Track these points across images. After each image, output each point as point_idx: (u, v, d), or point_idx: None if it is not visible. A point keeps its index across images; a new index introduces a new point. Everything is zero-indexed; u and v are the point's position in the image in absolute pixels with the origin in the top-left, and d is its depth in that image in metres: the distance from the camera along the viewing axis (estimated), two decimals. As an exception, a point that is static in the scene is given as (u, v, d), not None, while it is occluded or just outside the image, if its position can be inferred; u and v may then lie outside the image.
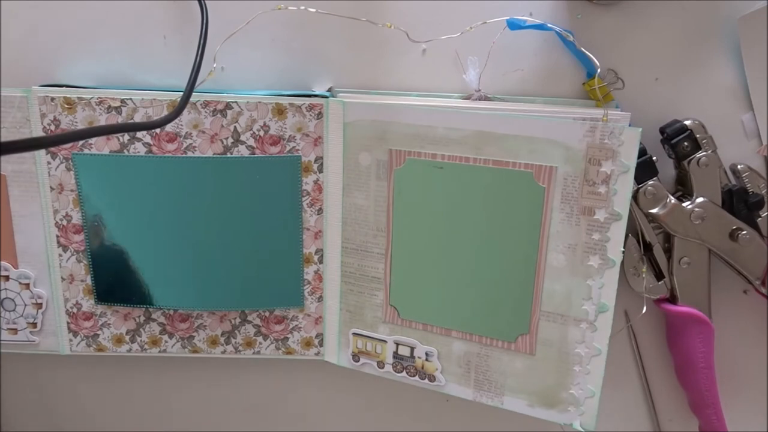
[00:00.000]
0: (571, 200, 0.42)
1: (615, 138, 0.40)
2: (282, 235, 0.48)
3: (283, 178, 0.47)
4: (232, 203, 0.47)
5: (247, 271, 0.48)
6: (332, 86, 0.47)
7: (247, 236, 0.47)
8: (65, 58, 0.47)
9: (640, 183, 0.44)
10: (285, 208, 0.47)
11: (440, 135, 0.44)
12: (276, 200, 0.47)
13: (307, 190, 0.47)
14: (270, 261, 0.48)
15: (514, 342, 0.46)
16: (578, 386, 0.45)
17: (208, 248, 0.48)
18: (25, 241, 0.48)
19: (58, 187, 0.47)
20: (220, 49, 0.45)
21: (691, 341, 0.47)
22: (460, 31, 0.44)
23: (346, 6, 0.45)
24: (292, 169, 0.47)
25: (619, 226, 0.42)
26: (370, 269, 0.48)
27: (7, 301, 0.49)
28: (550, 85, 0.45)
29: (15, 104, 0.45)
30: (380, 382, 0.49)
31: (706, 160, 0.44)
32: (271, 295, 0.49)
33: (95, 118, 0.45)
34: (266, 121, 0.45)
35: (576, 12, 0.44)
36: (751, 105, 0.45)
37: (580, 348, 0.44)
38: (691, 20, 0.44)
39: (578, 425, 0.45)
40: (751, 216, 0.45)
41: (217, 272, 0.48)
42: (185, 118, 0.45)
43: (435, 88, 0.46)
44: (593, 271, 0.43)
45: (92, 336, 0.50)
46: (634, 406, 0.52)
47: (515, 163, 0.43)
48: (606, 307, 0.43)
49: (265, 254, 0.48)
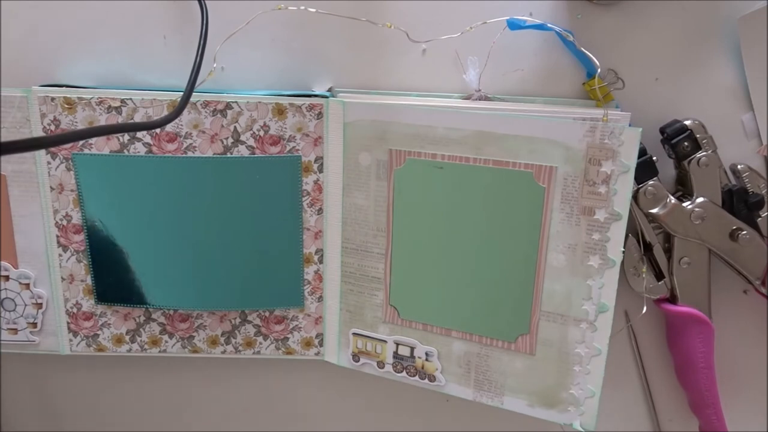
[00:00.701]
0: (571, 200, 0.42)
1: (615, 138, 0.40)
2: (282, 235, 0.48)
3: (283, 178, 0.47)
4: (232, 203, 0.47)
5: (247, 271, 0.48)
6: (332, 86, 0.47)
7: (247, 236, 0.47)
8: (65, 58, 0.47)
9: (640, 183, 0.44)
10: (285, 208, 0.47)
11: (440, 135, 0.44)
12: (276, 200, 0.47)
13: (307, 190, 0.47)
14: (270, 261, 0.48)
15: (514, 342, 0.46)
16: (578, 386, 0.45)
17: (208, 248, 0.48)
18: (25, 241, 0.48)
19: (58, 187, 0.47)
20: (220, 49, 0.45)
21: (691, 341, 0.47)
22: (460, 31, 0.44)
23: (346, 6, 0.45)
24: (292, 169, 0.47)
25: (619, 226, 0.42)
26: (370, 269, 0.48)
27: (7, 301, 0.49)
28: (550, 85, 0.45)
29: (15, 104, 0.45)
30: (380, 382, 0.49)
31: (706, 160, 0.44)
32: (271, 295, 0.49)
33: (95, 118, 0.45)
34: (266, 121, 0.45)
35: (576, 12, 0.44)
36: (751, 105, 0.45)
37: (580, 348, 0.44)
38: (691, 20, 0.44)
39: (578, 425, 0.45)
40: (751, 216, 0.45)
41: (217, 272, 0.48)
42: (185, 118, 0.45)
43: (435, 88, 0.46)
44: (593, 271, 0.43)
45: (92, 336, 0.50)
46: (634, 406, 0.52)
47: (515, 163, 0.43)
48: (606, 307, 0.43)
49: (265, 254, 0.48)
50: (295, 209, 0.47)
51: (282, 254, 0.48)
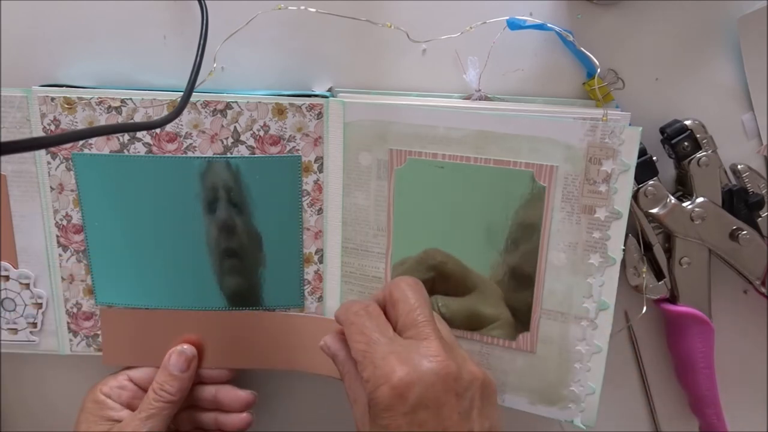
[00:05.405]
0: (572, 199, 0.42)
1: (615, 137, 0.40)
2: (282, 235, 0.48)
3: (283, 178, 0.47)
4: (232, 203, 0.47)
5: (247, 271, 0.48)
6: (332, 86, 0.47)
7: (247, 236, 0.47)
8: (65, 58, 0.47)
9: (641, 183, 0.44)
10: (285, 208, 0.47)
11: (441, 135, 0.44)
12: (276, 200, 0.47)
13: (307, 190, 0.47)
14: (270, 261, 0.48)
15: (515, 340, 0.46)
16: (579, 383, 0.45)
17: (208, 248, 0.48)
18: (25, 241, 0.48)
19: (58, 187, 0.47)
20: (220, 49, 0.45)
21: (691, 341, 0.47)
22: (460, 31, 0.44)
23: (346, 6, 0.45)
24: (292, 169, 0.47)
25: (619, 224, 0.42)
26: (370, 269, 0.48)
27: (7, 301, 0.49)
28: (550, 85, 0.45)
29: (15, 104, 0.45)
30: (380, 382, 0.49)
31: (706, 160, 0.44)
32: (271, 295, 0.49)
33: (95, 118, 0.45)
34: (266, 121, 0.45)
35: (576, 12, 0.44)
36: (751, 105, 0.45)
37: (581, 345, 0.44)
38: (691, 20, 0.44)
39: (579, 422, 0.45)
40: (751, 216, 0.45)
41: (217, 272, 0.48)
42: (185, 118, 0.45)
43: (435, 88, 0.46)
44: (594, 269, 0.43)
45: (92, 336, 0.50)
46: (633, 406, 0.52)
47: (516, 162, 0.43)
48: (606, 304, 0.43)
49: (265, 254, 0.48)
50: (295, 209, 0.47)
51: (282, 254, 0.48)
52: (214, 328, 0.49)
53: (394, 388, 0.35)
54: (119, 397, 0.47)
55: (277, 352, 0.50)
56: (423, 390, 0.35)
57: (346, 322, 0.40)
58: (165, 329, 0.49)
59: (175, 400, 0.46)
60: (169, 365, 0.47)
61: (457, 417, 0.35)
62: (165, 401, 0.45)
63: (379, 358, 0.36)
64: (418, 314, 0.38)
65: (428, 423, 0.35)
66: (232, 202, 0.47)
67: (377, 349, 0.37)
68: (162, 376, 0.46)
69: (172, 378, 0.46)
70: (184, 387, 0.47)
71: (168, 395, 0.45)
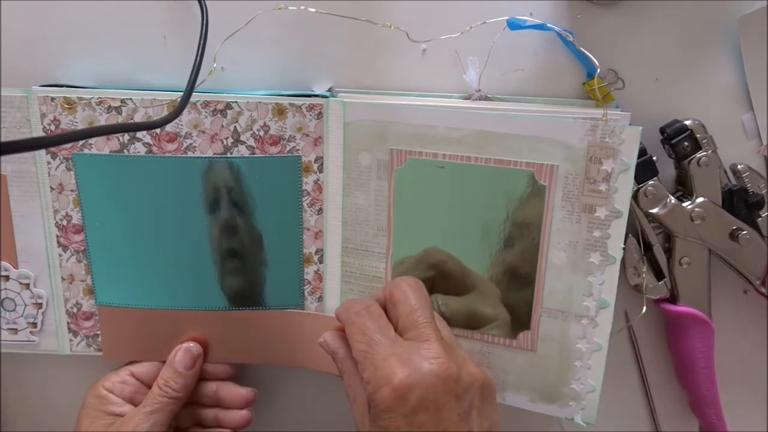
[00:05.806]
0: (572, 198, 0.42)
1: (616, 136, 0.41)
2: (282, 235, 0.48)
3: (283, 178, 0.47)
4: (232, 203, 0.47)
5: (247, 271, 0.48)
6: (332, 86, 0.47)
7: (247, 236, 0.47)
8: (65, 58, 0.47)
9: (641, 183, 0.44)
10: (285, 208, 0.47)
11: (441, 134, 0.44)
12: (276, 200, 0.47)
13: (307, 190, 0.47)
14: (270, 261, 0.48)
15: (516, 339, 0.46)
16: (579, 381, 0.45)
17: (208, 248, 0.48)
18: (25, 241, 0.48)
19: (58, 187, 0.47)
20: (220, 49, 0.45)
21: (691, 341, 0.47)
22: (460, 31, 0.44)
23: (346, 6, 0.45)
24: (292, 169, 0.47)
25: (619, 223, 0.42)
26: (370, 269, 0.48)
27: (7, 301, 0.49)
28: (550, 85, 0.46)
29: (15, 104, 0.45)
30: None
31: (706, 160, 0.44)
32: (271, 295, 0.49)
33: (95, 118, 0.45)
34: (266, 121, 0.45)
35: (576, 12, 0.44)
36: (751, 105, 0.45)
37: (581, 343, 0.44)
38: (691, 20, 0.44)
39: (579, 419, 0.45)
40: (751, 216, 0.45)
41: (217, 272, 0.48)
42: (185, 118, 0.45)
43: (435, 88, 0.46)
44: (594, 268, 0.43)
45: (92, 336, 0.50)
46: (633, 406, 0.52)
47: (516, 162, 0.43)
48: (606, 303, 0.43)
49: (265, 254, 0.48)
50: (295, 209, 0.47)
51: (282, 254, 0.48)
52: (215, 327, 0.49)
53: (395, 390, 0.35)
54: (121, 392, 0.47)
55: (277, 349, 0.50)
56: (423, 392, 0.35)
57: (348, 322, 0.40)
58: (165, 329, 0.49)
59: (180, 396, 0.46)
60: (175, 362, 0.47)
61: (456, 418, 0.35)
62: (170, 397, 0.45)
63: (380, 359, 0.36)
64: (419, 315, 0.38)
65: (428, 424, 0.35)
66: (234, 202, 0.47)
67: (378, 350, 0.37)
68: (167, 372, 0.46)
69: (178, 375, 0.46)
70: (189, 384, 0.47)
71: (173, 391, 0.46)
